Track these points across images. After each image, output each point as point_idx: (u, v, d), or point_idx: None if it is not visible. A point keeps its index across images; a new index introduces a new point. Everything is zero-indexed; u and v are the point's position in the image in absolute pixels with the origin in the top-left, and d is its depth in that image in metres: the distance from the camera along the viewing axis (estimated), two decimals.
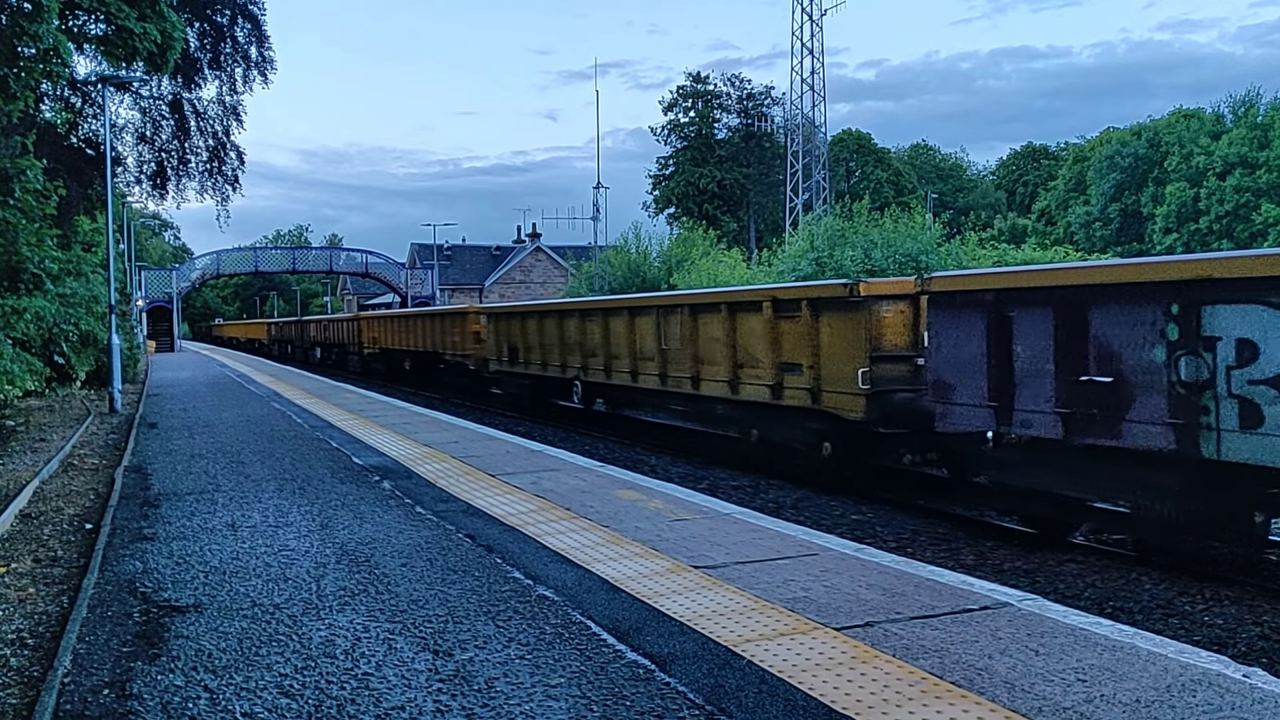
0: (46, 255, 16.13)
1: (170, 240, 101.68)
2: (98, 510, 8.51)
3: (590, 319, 17.17)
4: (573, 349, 17.69)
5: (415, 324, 29.94)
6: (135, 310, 44.14)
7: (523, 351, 20.19)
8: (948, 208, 69.06)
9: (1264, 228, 53.48)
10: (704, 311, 13.66)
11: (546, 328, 18.84)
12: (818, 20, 53.83)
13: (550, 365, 18.81)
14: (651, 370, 14.95)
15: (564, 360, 18.10)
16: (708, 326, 13.45)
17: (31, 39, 11.23)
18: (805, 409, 11.47)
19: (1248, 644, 6.52)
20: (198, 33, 28.04)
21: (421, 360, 29.87)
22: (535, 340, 19.46)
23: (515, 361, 20.59)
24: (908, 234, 27.54)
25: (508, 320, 21.30)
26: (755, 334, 12.30)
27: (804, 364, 11.34)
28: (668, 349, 14.47)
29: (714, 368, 13.27)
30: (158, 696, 4.01)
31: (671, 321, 14.46)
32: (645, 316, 15.16)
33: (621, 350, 15.81)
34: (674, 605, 4.95)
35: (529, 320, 19.92)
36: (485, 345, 22.92)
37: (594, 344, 16.81)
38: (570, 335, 17.74)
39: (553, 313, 18.97)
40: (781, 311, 11.90)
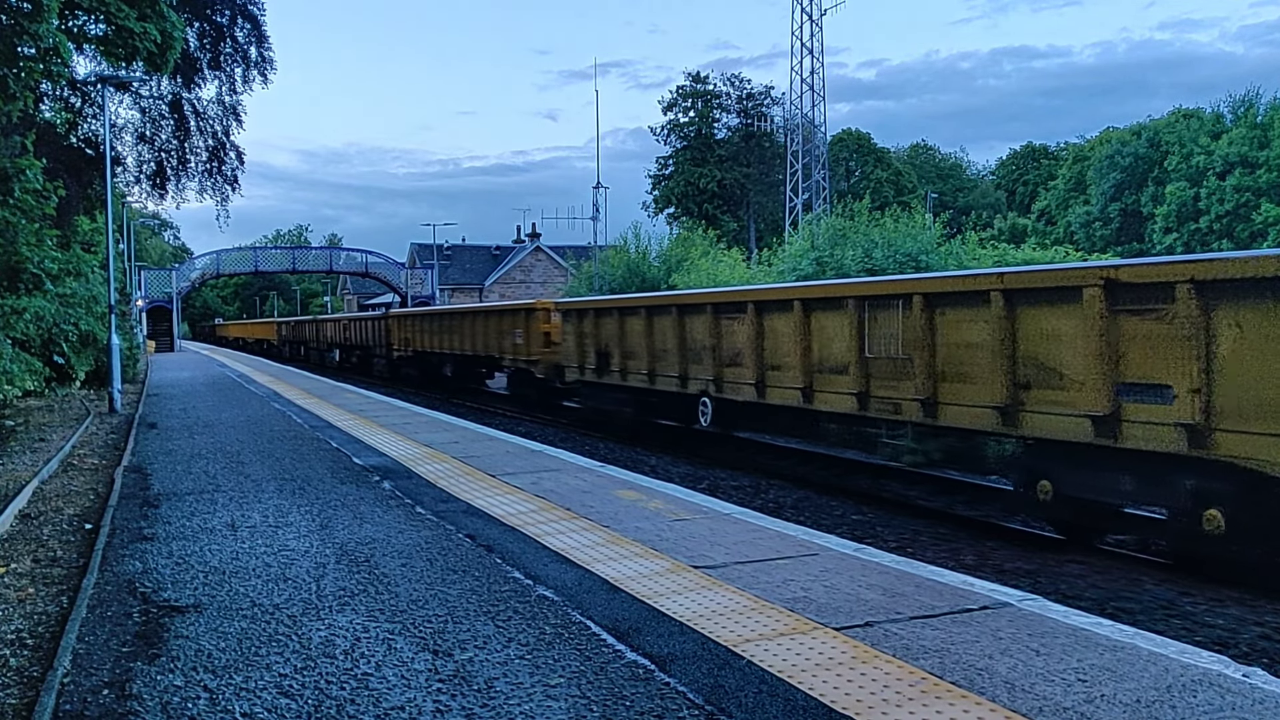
0: (46, 255, 16.11)
1: (170, 240, 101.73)
2: (97, 510, 8.50)
3: (731, 316, 13.04)
4: (699, 356, 13.67)
5: (462, 323, 25.70)
6: (135, 310, 44.13)
7: (618, 358, 16.03)
8: (948, 207, 69.00)
9: (1264, 227, 53.47)
10: (951, 305, 9.49)
11: (659, 328, 14.84)
12: (817, 20, 53.85)
13: (662, 376, 14.78)
14: (842, 387, 10.85)
15: (684, 370, 14.05)
16: (958, 327, 9.42)
17: (31, 39, 11.22)
18: (1169, 456, 7.53)
19: (1249, 644, 6.52)
20: (197, 33, 28.02)
21: (468, 366, 26.33)
22: (640, 343, 15.31)
23: (606, 370, 16.49)
24: (908, 234, 27.53)
25: (597, 318, 16.95)
26: (1062, 338, 8.34)
27: (1174, 385, 7.46)
28: (877, 358, 10.37)
29: (969, 387, 9.26)
30: (157, 696, 4.00)
31: (885, 319, 10.27)
32: (834, 313, 11.04)
33: (787, 358, 11.79)
34: (674, 605, 4.95)
35: (631, 318, 15.77)
36: (560, 349, 18.87)
37: (737, 349, 12.84)
38: (696, 337, 13.75)
39: (667, 308, 14.71)
40: (1126, 301, 7.77)
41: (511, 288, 66.80)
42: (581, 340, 17.48)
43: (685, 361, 14.06)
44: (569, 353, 18.22)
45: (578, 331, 17.68)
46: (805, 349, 11.41)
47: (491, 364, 24.45)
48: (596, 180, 70.09)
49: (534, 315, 20.67)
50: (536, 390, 21.15)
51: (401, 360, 32.16)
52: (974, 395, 9.24)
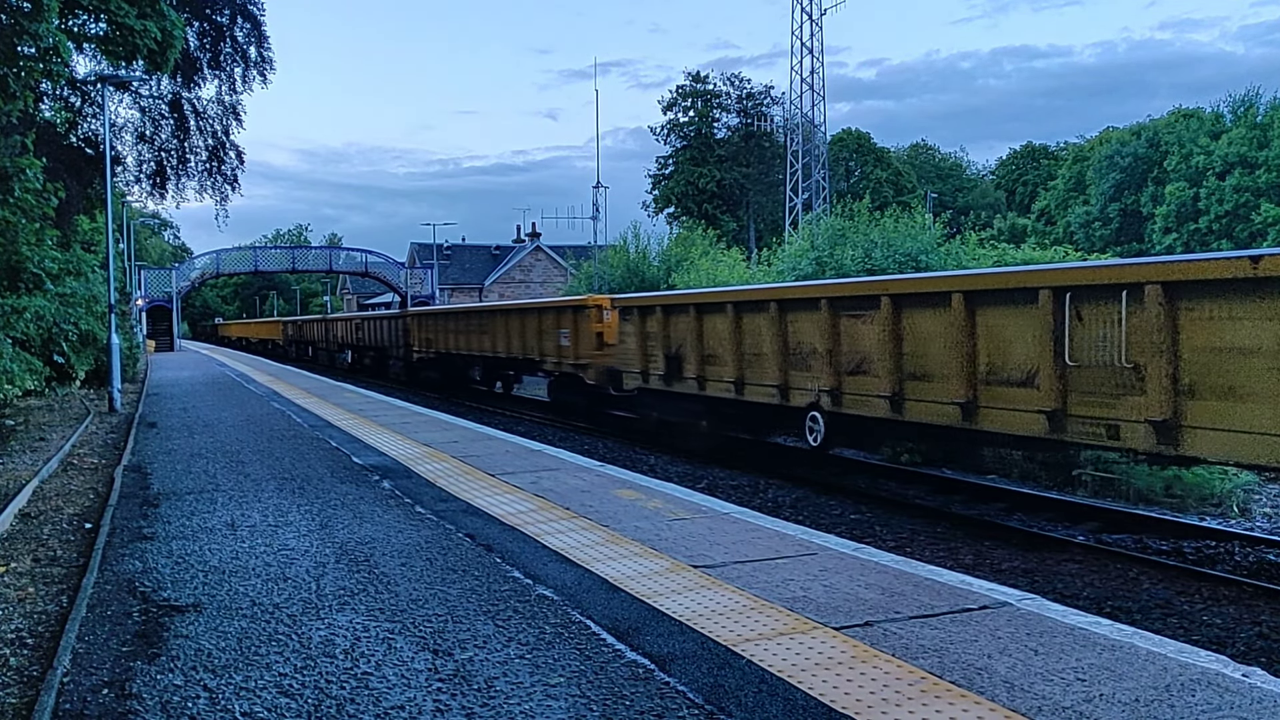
0: (46, 255, 16.12)
1: (170, 239, 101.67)
2: (97, 510, 8.51)
3: (855, 314, 10.67)
4: (807, 361, 11.43)
5: (494, 322, 23.21)
6: (135, 310, 44.11)
7: (694, 363, 13.72)
8: (947, 207, 69.04)
9: (1263, 227, 53.48)
10: (1207, 296, 7.32)
11: (750, 328, 12.46)
12: (817, 20, 53.84)
13: (753, 385, 12.49)
14: (1025, 403, 8.76)
15: (785, 378, 11.81)
16: (1220, 326, 7.24)
17: (31, 38, 11.22)
18: None
19: (1247, 643, 6.53)
20: (197, 32, 28.03)
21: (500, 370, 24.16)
22: (725, 346, 12.99)
23: (677, 377, 14.18)
24: (908, 234, 27.52)
25: (667, 316, 14.57)
26: None
27: None
28: (1082, 366, 8.24)
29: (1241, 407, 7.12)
30: (157, 696, 4.01)
31: (1099, 317, 8.12)
32: (1014, 309, 8.89)
33: (938, 366, 9.61)
34: (673, 605, 4.95)
35: (712, 316, 13.34)
36: (616, 352, 16.46)
37: (863, 353, 10.60)
38: (804, 339, 11.49)
39: (762, 304, 12.20)
40: None
41: (511, 287, 66.80)
42: (645, 342, 15.17)
43: (787, 368, 11.75)
44: (628, 356, 15.83)
45: (640, 332, 15.31)
46: (968, 355, 9.22)
47: (528, 367, 21.92)
48: (596, 180, 70.21)
49: (585, 313, 18.09)
50: (585, 398, 18.55)
51: (422, 362, 29.58)
52: (1249, 418, 7.01)
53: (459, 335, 26.11)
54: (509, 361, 22.62)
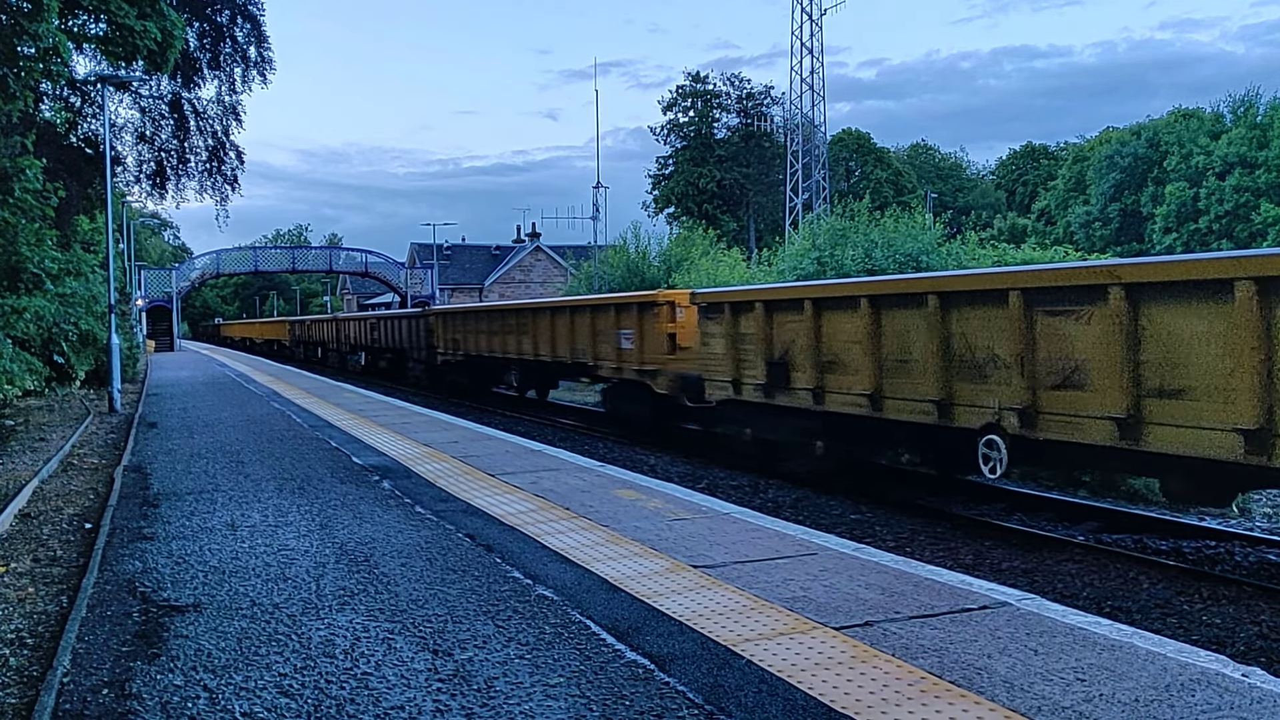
0: (46, 255, 16.14)
1: (170, 240, 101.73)
2: (97, 510, 8.51)
3: (1063, 310, 8.30)
4: (983, 370, 9.08)
5: (537, 322, 20.50)
6: (135, 310, 44.11)
7: (808, 371, 11.29)
8: (947, 207, 69.09)
9: (1263, 227, 53.50)
10: None
11: (894, 328, 10.09)
12: (817, 20, 53.86)
13: (896, 399, 10.07)
14: None
15: (948, 391, 9.41)
16: None
17: (31, 38, 11.23)
18: None
19: (1246, 643, 6.53)
20: (197, 32, 28.05)
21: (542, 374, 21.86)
22: (853, 349, 10.61)
23: (783, 387, 11.81)
24: (908, 234, 27.54)
25: (771, 314, 12.07)
26: None
27: None
28: None
29: None
30: (157, 696, 4.01)
31: None
32: None
33: (1203, 377, 7.27)
34: (673, 605, 4.95)
35: (836, 314, 10.94)
36: (696, 355, 14.17)
37: (1074, 361, 8.18)
38: (979, 342, 9.10)
39: (915, 298, 9.82)
40: None
41: (511, 287, 66.82)
42: (737, 345, 12.72)
43: (950, 379, 9.39)
44: (712, 362, 13.40)
45: (731, 333, 12.81)
46: (1264, 363, 6.83)
47: (577, 372, 19.27)
48: (596, 180, 70.22)
49: (653, 311, 15.48)
50: (652, 409, 15.95)
51: (448, 366, 26.94)
52: None
53: (492, 336, 23.36)
54: (554, 366, 20.06)
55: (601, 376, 17.73)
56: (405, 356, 31.58)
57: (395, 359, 33.09)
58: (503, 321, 22.84)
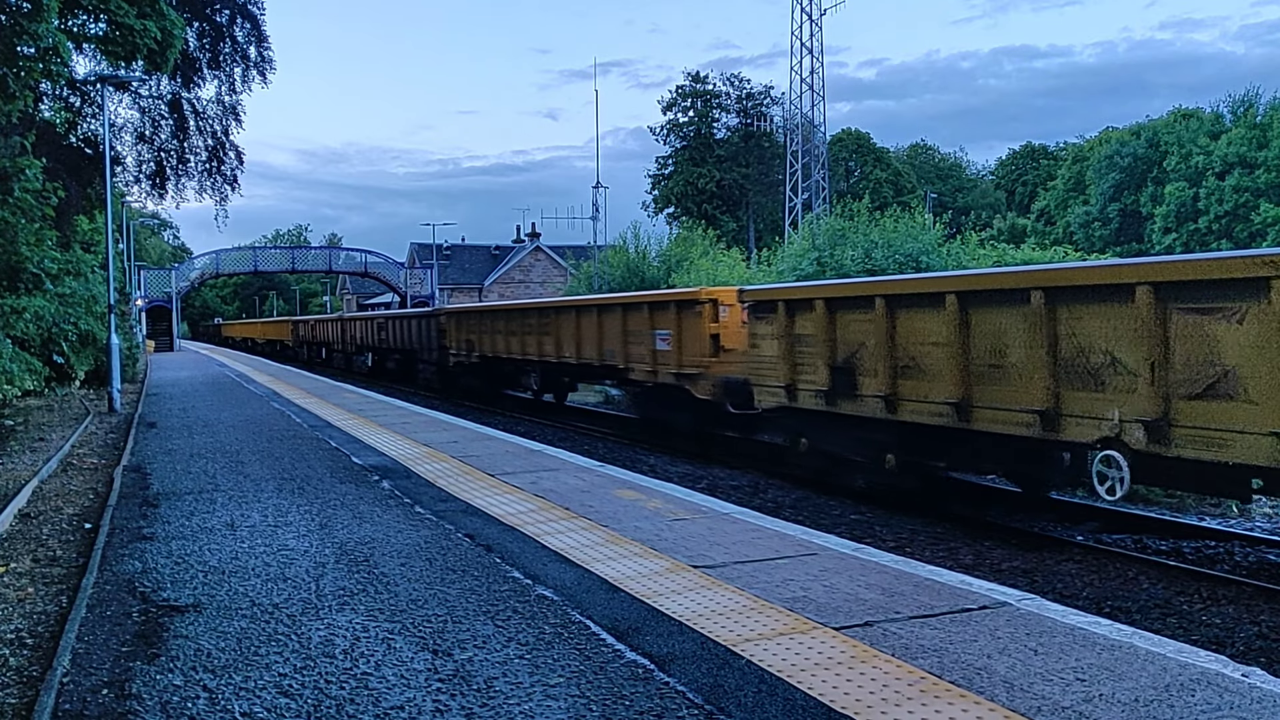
0: (46, 255, 16.14)
1: (169, 240, 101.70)
2: (97, 510, 8.51)
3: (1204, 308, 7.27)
4: (1098, 375, 7.96)
5: (560, 321, 19.23)
6: (134, 310, 44.09)
7: (879, 375, 10.18)
8: (947, 208, 69.10)
9: (1263, 227, 53.52)
10: None
11: (985, 328, 8.99)
12: (817, 20, 53.85)
13: (993, 408, 8.92)
14: None
15: (1053, 400, 8.29)
16: None
17: (31, 38, 11.23)
18: None
19: (1246, 643, 6.53)
20: (197, 32, 28.04)
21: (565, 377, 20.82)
22: (935, 351, 9.48)
23: (848, 394, 10.71)
24: (909, 234, 27.54)
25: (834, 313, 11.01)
26: None
27: None
28: None
29: None
30: (157, 696, 4.01)
31: None
32: None
33: None
34: (673, 605, 4.96)
35: (917, 312, 9.78)
36: (743, 358, 13.16)
37: (1224, 366, 7.11)
38: (1092, 342, 7.99)
39: (1015, 295, 8.72)
40: None
41: (511, 287, 66.84)
42: (794, 347, 11.62)
43: (1056, 385, 8.26)
44: (763, 365, 12.31)
45: (785, 334, 11.73)
46: None
47: (605, 376, 18.21)
48: (596, 180, 70.23)
49: (694, 310, 14.40)
50: (692, 416, 14.84)
51: (461, 368, 25.82)
52: None
53: (510, 336, 22.16)
54: (579, 369, 18.78)
55: (633, 380, 16.50)
56: (415, 358, 30.44)
57: (404, 360, 31.93)
58: (522, 321, 21.58)
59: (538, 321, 20.61)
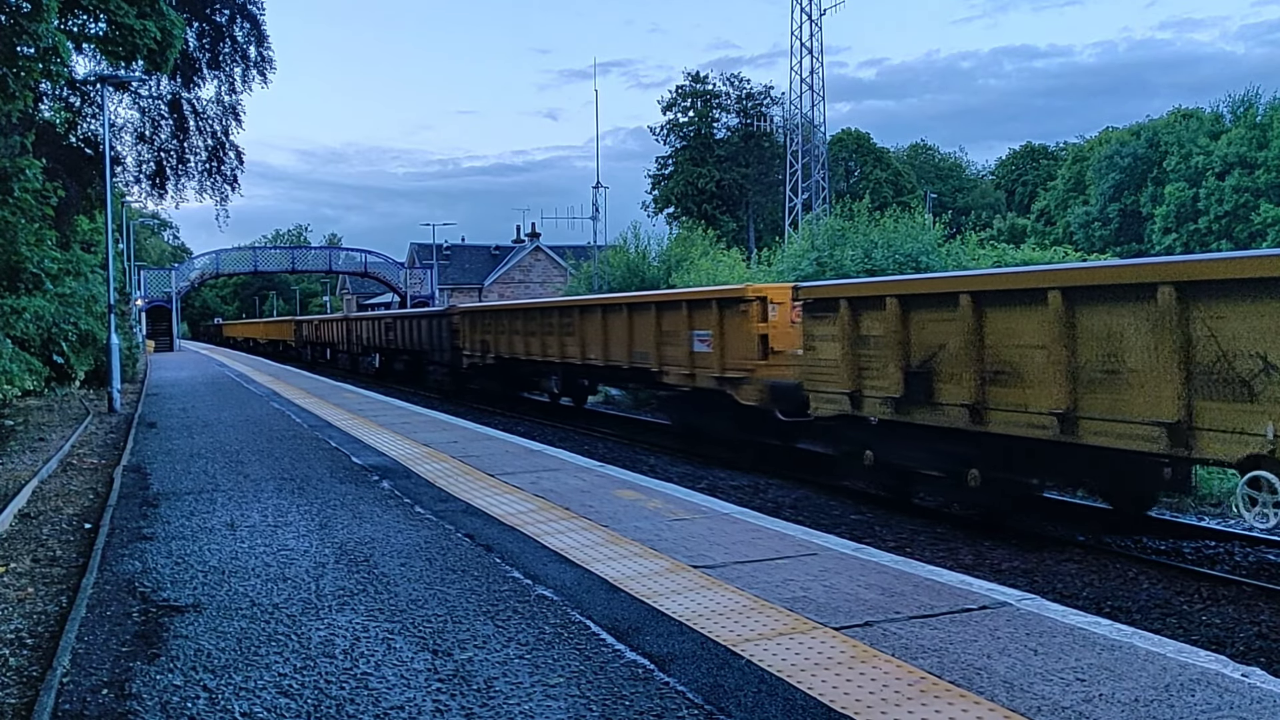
0: (46, 255, 16.14)
1: (169, 240, 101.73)
2: (97, 510, 8.51)
3: None
4: (1246, 383, 7.00)
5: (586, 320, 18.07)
6: (134, 310, 44.10)
7: (963, 381, 9.18)
8: (947, 208, 69.10)
9: (1263, 228, 53.53)
10: None
11: (1098, 328, 7.96)
12: (817, 20, 53.85)
13: (1108, 419, 7.91)
14: None
15: (1185, 410, 7.34)
16: None
17: (31, 38, 11.23)
18: None
19: (1246, 643, 6.53)
20: (196, 32, 28.04)
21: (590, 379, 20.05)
22: (1033, 355, 8.48)
23: (924, 402, 9.69)
24: (908, 234, 27.52)
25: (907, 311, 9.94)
26: None
27: None
28: None
29: None
30: (157, 696, 4.01)
31: None
32: None
33: None
34: (673, 605, 4.96)
35: (1011, 310, 8.74)
36: (795, 360, 12.20)
37: None
38: (1236, 345, 7.04)
39: (1135, 290, 7.73)
40: None
41: (511, 287, 66.83)
42: (858, 350, 10.57)
43: (1191, 394, 7.26)
44: (821, 369, 11.20)
45: (849, 335, 10.68)
46: None
47: (635, 379, 17.07)
48: (596, 180, 70.21)
49: (739, 309, 13.27)
50: (734, 423, 13.73)
51: (475, 370, 24.70)
52: None
53: (529, 337, 20.92)
54: (605, 371, 17.67)
55: (667, 384, 15.32)
56: (425, 359, 29.25)
57: (413, 362, 30.84)
58: (543, 321, 20.25)
59: (560, 321, 19.38)
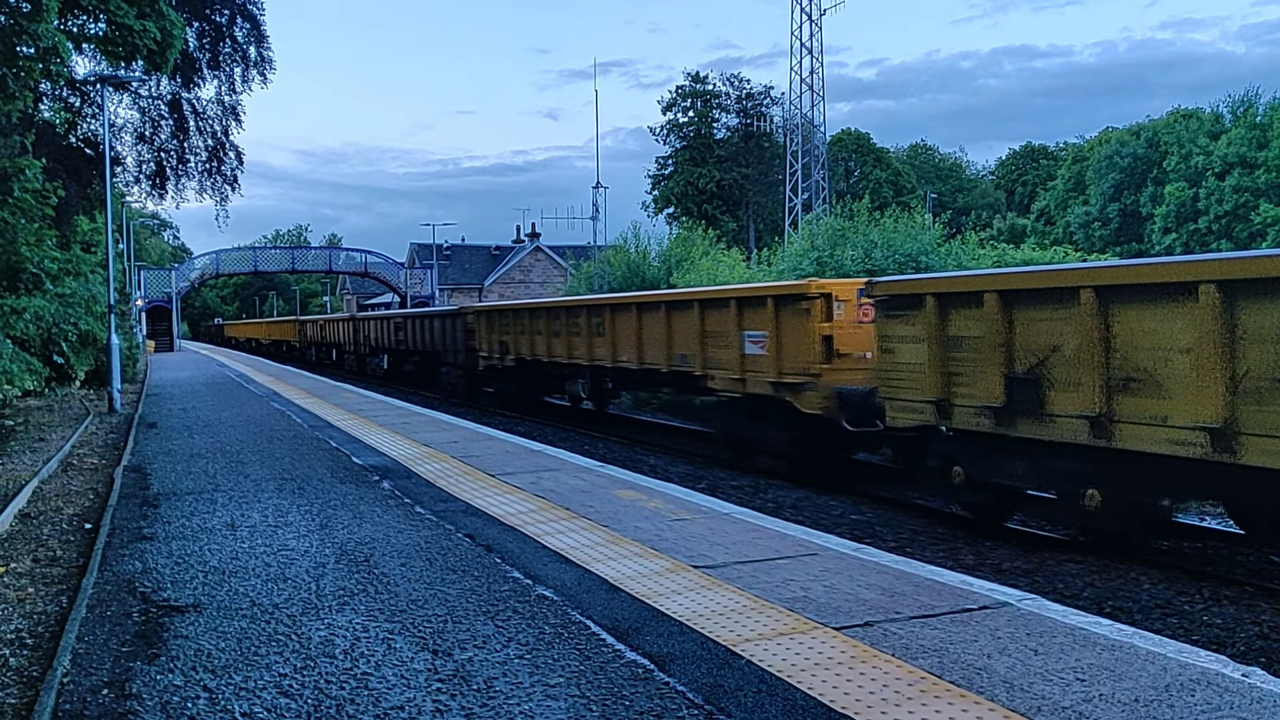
0: (46, 255, 16.15)
1: (169, 240, 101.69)
2: (97, 510, 8.51)
3: None
4: None
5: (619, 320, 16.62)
6: (134, 310, 44.10)
7: (1085, 390, 8.05)
8: (946, 208, 69.07)
9: (1263, 227, 53.51)
10: None
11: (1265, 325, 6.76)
12: (817, 20, 53.87)
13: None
14: None
15: None
16: None
17: (31, 38, 11.23)
18: None
19: (1246, 643, 6.53)
20: (196, 32, 28.05)
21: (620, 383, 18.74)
22: (1177, 359, 7.37)
23: (1033, 414, 8.51)
24: (908, 234, 27.52)
25: (1010, 307, 8.75)
26: None
27: None
28: None
29: None
30: (157, 696, 4.01)
31: None
32: None
33: None
34: (673, 605, 4.95)
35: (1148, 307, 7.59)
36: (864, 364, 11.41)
37: None
38: None
39: None
40: None
41: (511, 287, 66.82)
42: (947, 352, 9.40)
43: None
44: (901, 374, 10.03)
45: (935, 336, 9.46)
46: None
47: (675, 384, 15.61)
48: (596, 180, 70.16)
49: (800, 306, 11.91)
50: (793, 433, 12.35)
51: (492, 372, 23.47)
52: None
53: (553, 337, 19.58)
54: (640, 375, 16.29)
55: (712, 389, 14.06)
56: (437, 360, 27.99)
57: (424, 363, 29.64)
58: (569, 320, 18.83)
59: (588, 321, 17.93)
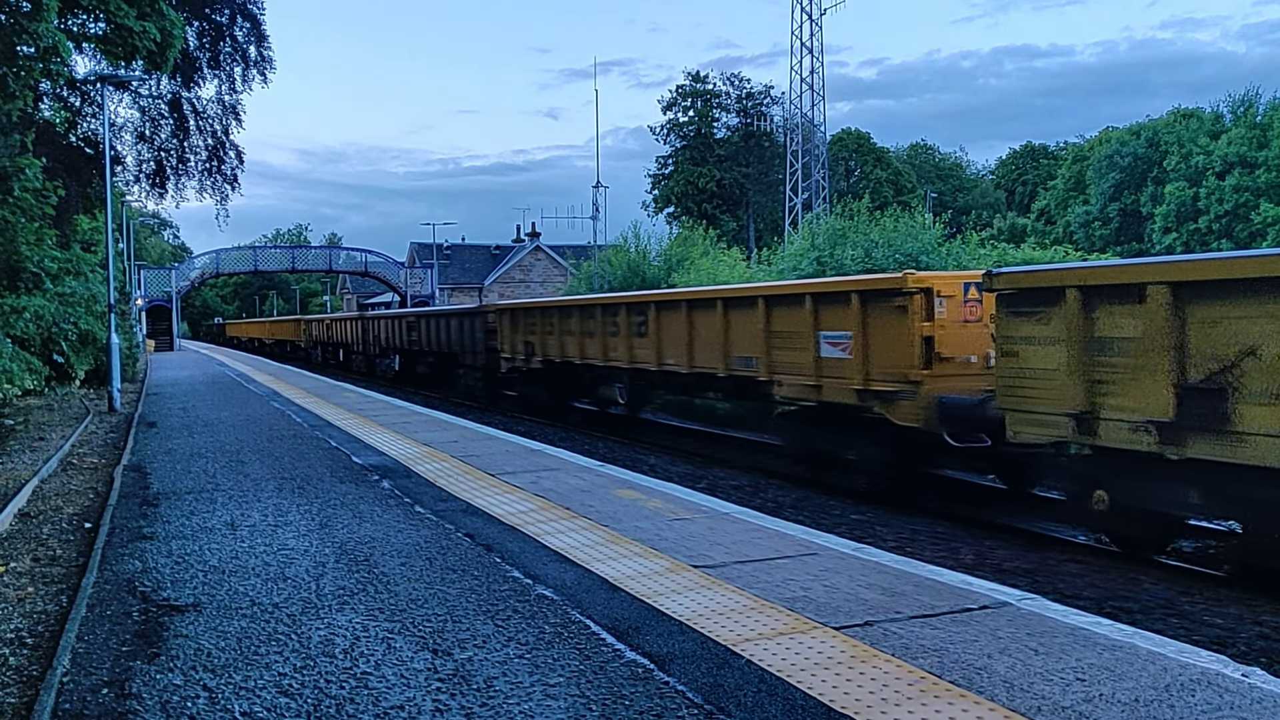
0: (46, 254, 16.17)
1: (169, 239, 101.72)
2: (97, 509, 8.50)
3: None
4: None
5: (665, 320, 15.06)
6: (134, 309, 44.11)
7: None
8: (947, 207, 69.08)
9: (1263, 227, 53.48)
10: None
11: None
12: (817, 20, 53.85)
13: None
14: None
15: None
16: None
17: (31, 38, 11.24)
18: None
19: (1247, 644, 6.53)
20: (196, 32, 28.07)
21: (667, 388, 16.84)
22: None
23: (1219, 429, 7.11)
24: (908, 234, 27.51)
25: (1182, 302, 7.35)
26: None
27: None
28: None
29: None
30: (156, 696, 4.00)
31: None
32: None
33: None
34: (673, 604, 4.95)
35: None
36: (976, 370, 10.17)
37: None
38: None
39: None
40: None
41: (511, 287, 66.81)
42: (1092, 356, 8.06)
43: None
44: (1029, 382, 8.70)
45: (1079, 337, 8.12)
46: None
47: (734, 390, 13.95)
48: (596, 180, 70.25)
49: (894, 303, 10.48)
50: (883, 448, 11.03)
51: (516, 375, 21.71)
52: None
53: (587, 338, 17.92)
54: (690, 379, 14.65)
55: (782, 397, 12.53)
56: (454, 362, 26.49)
57: (439, 365, 27.87)
58: (605, 319, 17.16)
59: (629, 319, 16.28)
